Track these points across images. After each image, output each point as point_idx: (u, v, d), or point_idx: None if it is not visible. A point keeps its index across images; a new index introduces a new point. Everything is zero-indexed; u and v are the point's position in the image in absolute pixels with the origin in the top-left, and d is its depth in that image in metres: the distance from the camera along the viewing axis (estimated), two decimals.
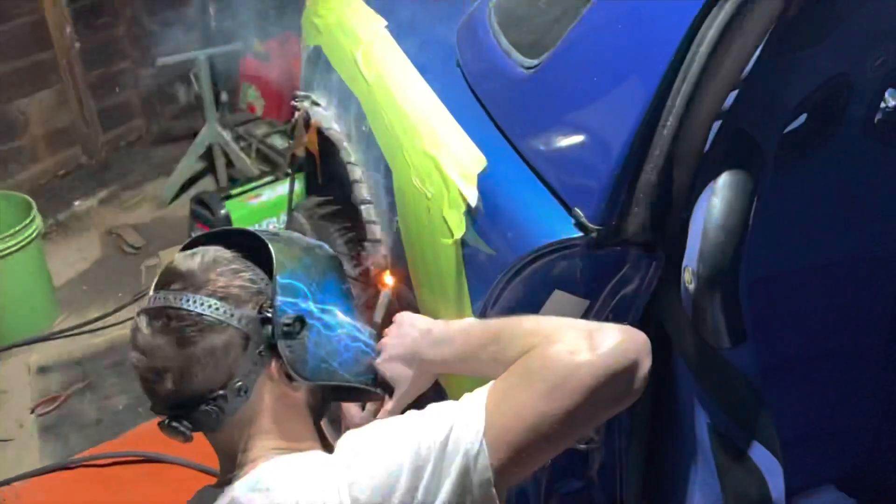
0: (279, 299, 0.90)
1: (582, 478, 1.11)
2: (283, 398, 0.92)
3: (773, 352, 1.27)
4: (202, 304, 0.85)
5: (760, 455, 0.92)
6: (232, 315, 0.86)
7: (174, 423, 0.88)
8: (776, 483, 0.93)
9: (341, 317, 0.99)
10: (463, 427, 0.77)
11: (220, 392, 0.86)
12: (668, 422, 1.03)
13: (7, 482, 2.17)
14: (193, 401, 0.86)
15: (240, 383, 0.87)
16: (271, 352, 0.90)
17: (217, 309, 0.86)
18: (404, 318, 1.04)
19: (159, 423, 0.89)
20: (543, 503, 1.12)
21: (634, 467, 1.08)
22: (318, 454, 0.88)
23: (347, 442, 0.83)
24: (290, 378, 0.91)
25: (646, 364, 0.80)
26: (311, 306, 0.94)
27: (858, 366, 1.40)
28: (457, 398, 0.83)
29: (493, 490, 0.76)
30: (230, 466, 0.90)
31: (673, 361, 0.98)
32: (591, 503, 1.13)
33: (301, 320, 0.91)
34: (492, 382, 0.81)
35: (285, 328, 0.89)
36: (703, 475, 0.98)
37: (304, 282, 0.94)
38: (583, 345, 0.77)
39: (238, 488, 0.85)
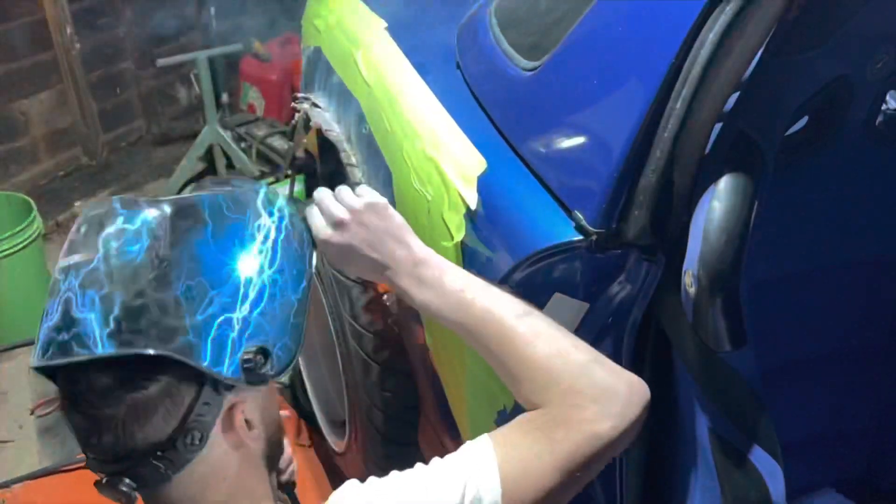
0: (220, 369, 0.72)
1: None
2: (240, 448, 0.77)
3: (773, 355, 1.27)
4: None
5: (761, 458, 0.92)
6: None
7: (115, 482, 0.73)
8: (776, 486, 0.93)
9: (256, 272, 0.78)
10: (476, 496, 0.70)
11: (170, 442, 0.72)
12: (668, 425, 1.03)
13: (6, 485, 2.16)
14: (138, 454, 0.72)
15: (193, 431, 0.72)
16: (229, 387, 0.75)
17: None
18: (387, 212, 0.89)
19: (96, 483, 0.75)
20: None
21: (634, 470, 1.07)
22: None
23: None
24: (250, 426, 0.78)
25: (643, 418, 0.79)
26: (239, 313, 0.75)
27: (859, 369, 1.40)
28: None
29: None
30: None
31: (673, 365, 0.98)
32: None
33: (262, 351, 0.75)
34: (494, 436, 0.75)
35: (247, 367, 0.74)
36: (704, 478, 0.98)
37: (214, 307, 0.73)
38: (602, 410, 0.75)
39: None
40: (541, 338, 0.80)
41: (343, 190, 0.91)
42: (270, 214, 0.82)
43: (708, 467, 0.95)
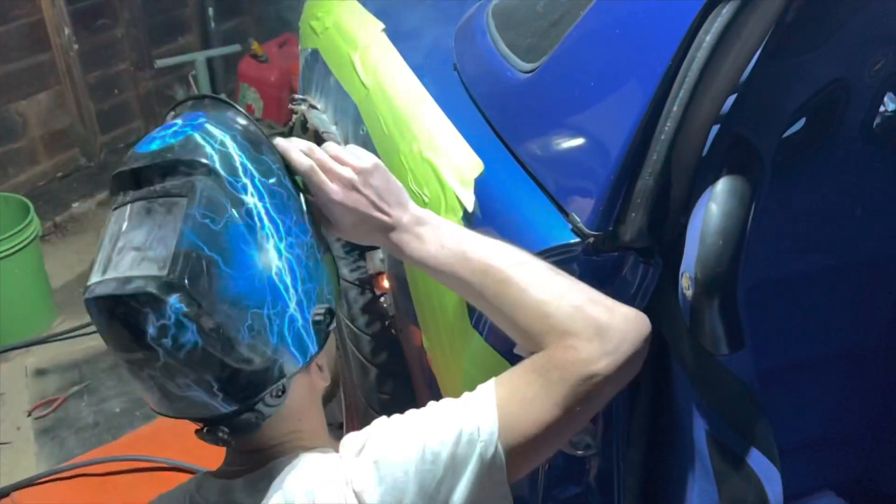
0: (311, 354, 0.82)
1: (579, 484, 1.10)
2: (311, 390, 0.88)
3: (771, 358, 1.27)
4: None
5: (758, 462, 0.92)
6: None
7: (214, 430, 0.82)
8: (774, 490, 0.92)
9: (276, 256, 0.80)
10: (474, 430, 0.76)
11: (261, 397, 0.81)
12: (666, 428, 1.03)
13: (5, 493, 2.15)
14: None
15: (279, 385, 0.81)
16: None
17: None
18: (388, 174, 0.90)
19: (197, 432, 0.84)
20: None
21: (632, 474, 1.07)
22: (331, 456, 0.86)
23: (352, 443, 0.80)
24: (321, 369, 0.88)
25: (646, 348, 0.81)
26: (292, 302, 0.80)
27: (857, 371, 1.40)
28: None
29: (508, 488, 0.77)
30: (239, 460, 0.87)
31: (671, 368, 0.98)
32: None
33: (326, 312, 0.83)
34: (499, 378, 0.80)
35: (319, 331, 0.83)
36: (701, 482, 0.98)
37: (276, 322, 0.79)
38: (596, 348, 0.77)
39: (246, 484, 0.83)
40: (534, 285, 0.82)
41: (339, 149, 0.90)
42: (245, 190, 0.79)
43: (705, 470, 0.95)
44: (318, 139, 1.73)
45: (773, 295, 1.26)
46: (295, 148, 0.88)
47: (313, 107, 1.78)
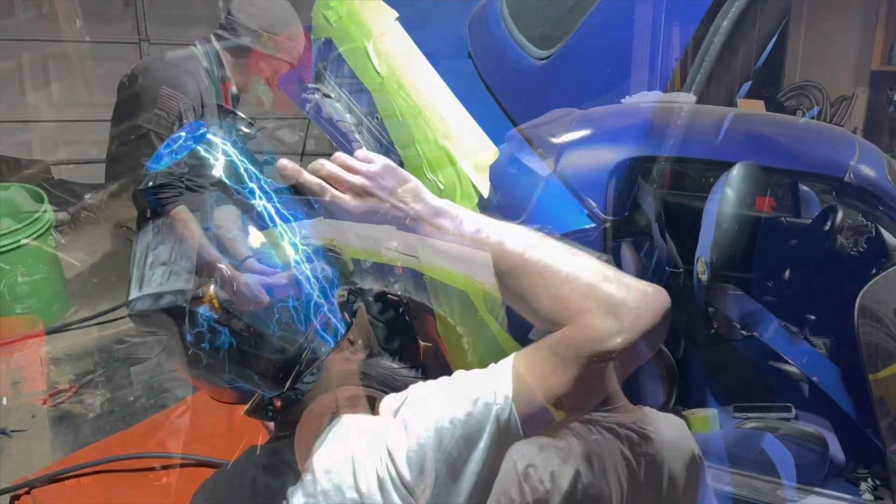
0: (341, 334, 0.87)
1: None
2: (345, 364, 0.93)
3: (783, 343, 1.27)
4: None
5: (773, 446, 0.93)
6: None
7: (261, 406, 0.88)
8: (788, 474, 0.93)
9: (293, 251, 0.85)
10: (491, 396, 0.79)
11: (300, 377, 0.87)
12: (679, 412, 1.03)
13: (27, 489, 2.15)
14: None
15: (315, 365, 0.87)
16: None
17: None
18: (401, 173, 0.91)
19: (245, 411, 0.91)
20: None
21: None
22: (370, 416, 0.91)
23: (390, 405, 0.86)
24: (352, 343, 0.92)
25: (666, 323, 0.81)
26: (315, 291, 0.87)
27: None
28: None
29: None
30: (286, 428, 0.92)
31: (685, 351, 0.98)
32: None
33: (353, 293, 0.88)
34: (519, 352, 0.82)
35: (347, 312, 0.87)
36: (715, 466, 0.98)
37: (304, 312, 0.85)
38: (610, 326, 0.78)
39: (291, 443, 0.88)
40: (549, 267, 0.83)
41: (348, 158, 0.92)
42: (252, 194, 0.85)
43: (719, 454, 0.96)
44: (333, 127, 1.74)
45: (785, 281, 1.27)
46: (302, 170, 0.90)
47: (327, 96, 1.79)
